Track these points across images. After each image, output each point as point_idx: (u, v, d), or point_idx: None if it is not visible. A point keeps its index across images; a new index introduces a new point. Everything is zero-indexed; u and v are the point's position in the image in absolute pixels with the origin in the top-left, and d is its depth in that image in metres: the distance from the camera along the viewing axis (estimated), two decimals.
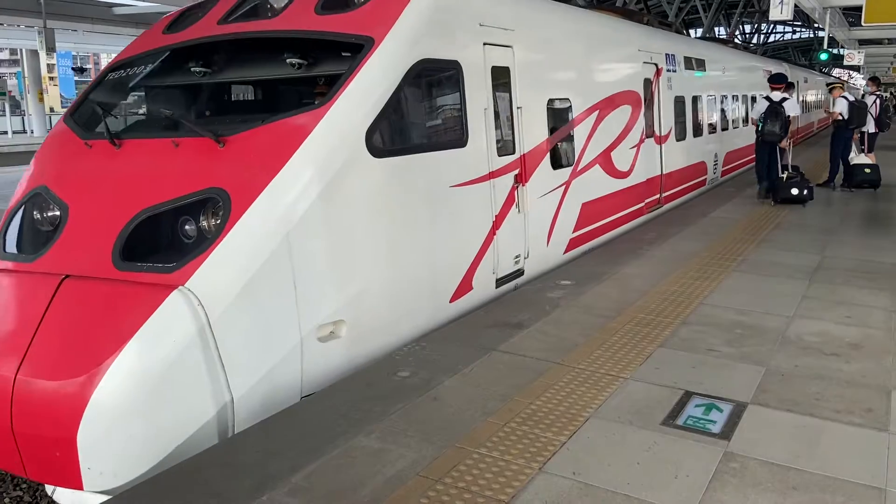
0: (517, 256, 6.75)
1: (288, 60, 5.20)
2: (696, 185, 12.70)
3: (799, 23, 48.47)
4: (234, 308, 4.15)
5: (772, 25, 51.16)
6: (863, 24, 18.46)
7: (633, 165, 9.53)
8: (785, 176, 11.14)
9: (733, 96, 15.30)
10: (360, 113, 4.88)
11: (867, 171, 12.42)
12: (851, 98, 12.60)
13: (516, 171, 6.64)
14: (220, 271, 4.19)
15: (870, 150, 13.10)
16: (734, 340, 5.21)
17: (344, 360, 4.76)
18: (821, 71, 35.82)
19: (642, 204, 10.05)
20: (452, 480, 3.40)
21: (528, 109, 6.86)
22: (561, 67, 7.94)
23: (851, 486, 3.33)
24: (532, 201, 6.92)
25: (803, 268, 7.24)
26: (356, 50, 5.11)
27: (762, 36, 51.13)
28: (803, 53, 56.42)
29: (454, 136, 5.92)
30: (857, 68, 33.55)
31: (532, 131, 6.95)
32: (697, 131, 12.55)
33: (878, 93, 14.03)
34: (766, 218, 10.10)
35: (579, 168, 8.00)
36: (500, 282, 6.50)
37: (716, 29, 37.73)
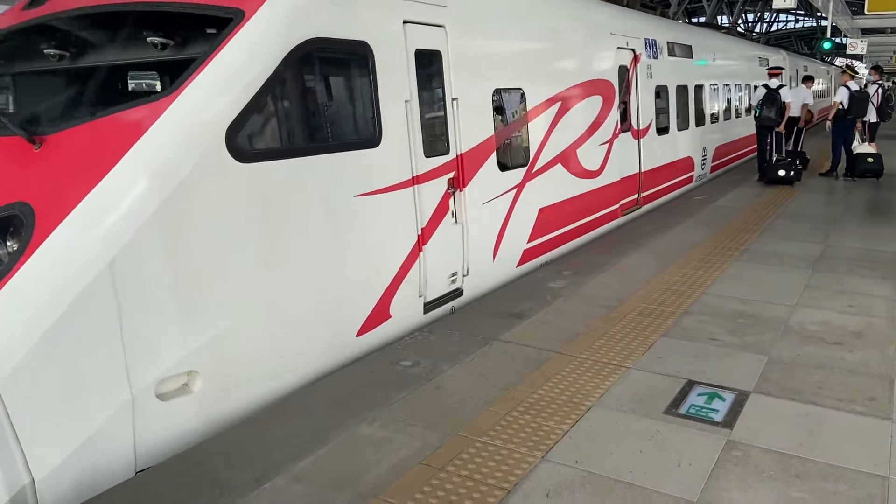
0: (453, 275, 5.79)
1: (149, 39, 4.27)
2: (680, 183, 11.74)
3: (802, 11, 48.25)
4: (31, 364, 3.19)
5: (775, 14, 50.95)
6: (866, 12, 18.42)
7: (604, 163, 8.59)
8: (774, 159, 12.03)
9: (725, 86, 14.32)
10: (220, 105, 3.92)
11: (869, 160, 12.39)
12: (855, 87, 12.54)
13: (451, 175, 5.66)
14: (9, 316, 3.24)
15: (871, 140, 13.06)
16: (736, 330, 5.21)
17: (199, 420, 3.85)
18: (822, 59, 35.65)
19: (616, 206, 9.12)
20: (455, 469, 3.41)
21: (467, 101, 5.85)
22: (511, 52, 6.84)
23: (854, 474, 3.33)
24: (473, 209, 5.94)
25: (806, 257, 7.22)
26: (223, 25, 4.19)
27: (765, 25, 50.94)
28: (806, 43, 56.16)
29: (362, 133, 4.95)
30: (859, 57, 33.39)
31: (472, 127, 5.95)
32: (683, 124, 11.59)
33: (879, 82, 13.98)
34: (768, 207, 10.07)
35: (535, 168, 7.04)
36: (429, 306, 5.55)
37: (719, 18, 37.56)
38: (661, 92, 10.57)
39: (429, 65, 5.49)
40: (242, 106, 3.98)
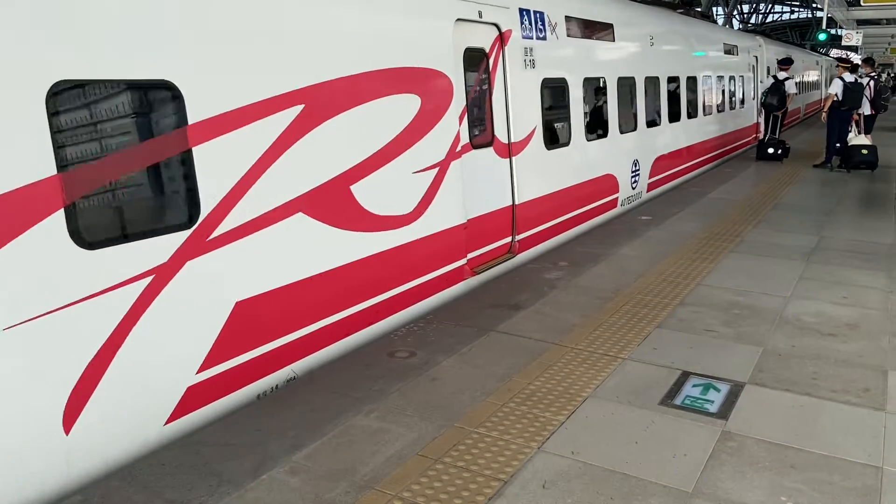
0: None
1: None
2: (595, 211, 8.71)
3: (797, 2, 48.32)
4: None
5: (770, 5, 51.02)
6: (861, 3, 18.41)
7: (427, 200, 5.56)
8: (766, 139, 14.14)
9: (671, 79, 11.11)
10: None
11: (864, 151, 12.42)
12: (850, 78, 12.55)
13: None
14: None
15: (868, 132, 13.10)
16: (732, 321, 5.22)
17: None
18: (813, 49, 35.61)
19: (462, 261, 6.06)
20: (452, 460, 3.41)
21: None
22: (131, 8, 3.50)
23: (849, 464, 3.35)
24: None
25: (801, 248, 7.24)
26: None
27: (760, 16, 50.99)
28: (802, 34, 56.26)
29: None
30: (854, 49, 33.46)
31: None
32: (597, 131, 8.70)
33: (872, 74, 14.05)
34: (764, 198, 10.09)
35: (221, 230, 3.94)
36: None
37: (714, 10, 37.54)
38: (554, 88, 7.65)
39: None
40: None
